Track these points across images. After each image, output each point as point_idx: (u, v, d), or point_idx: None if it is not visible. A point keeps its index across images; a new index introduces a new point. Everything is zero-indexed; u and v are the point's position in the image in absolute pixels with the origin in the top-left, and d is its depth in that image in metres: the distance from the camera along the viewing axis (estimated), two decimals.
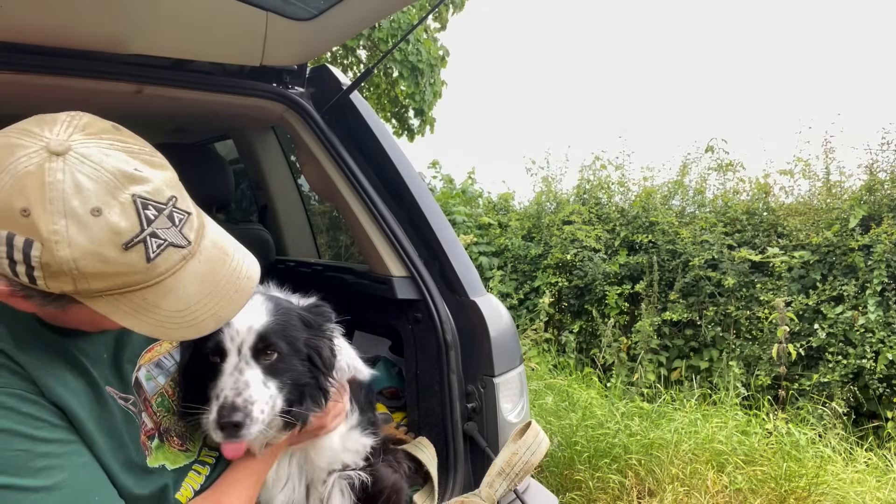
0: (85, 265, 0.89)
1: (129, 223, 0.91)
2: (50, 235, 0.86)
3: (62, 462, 1.00)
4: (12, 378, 1.01)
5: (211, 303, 1.02)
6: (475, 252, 7.58)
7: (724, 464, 3.74)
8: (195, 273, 1.01)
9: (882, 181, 5.62)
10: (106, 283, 0.92)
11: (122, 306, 0.95)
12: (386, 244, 2.29)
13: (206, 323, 1.01)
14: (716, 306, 5.88)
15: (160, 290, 0.96)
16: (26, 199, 0.86)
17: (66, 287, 0.91)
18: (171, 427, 1.31)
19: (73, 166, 0.89)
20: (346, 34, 2.36)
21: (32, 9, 1.68)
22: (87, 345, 1.17)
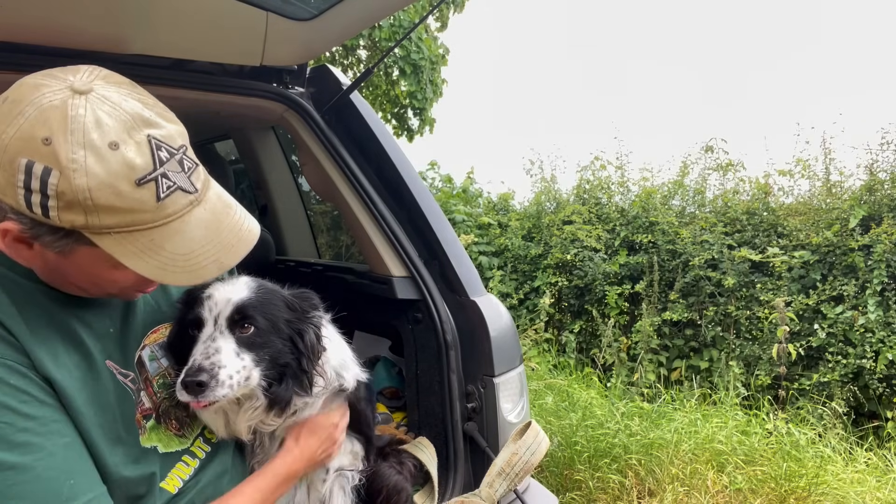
0: (99, 196, 0.92)
1: (143, 161, 0.95)
2: (68, 164, 0.90)
3: (43, 441, 0.99)
4: (6, 349, 1.01)
5: (214, 250, 1.04)
6: (475, 252, 7.58)
7: (724, 464, 3.73)
8: (200, 220, 1.04)
9: (882, 181, 5.62)
10: (116, 218, 0.95)
11: (129, 245, 0.97)
12: (386, 244, 2.29)
13: (207, 268, 1.04)
14: (716, 306, 5.88)
15: (166, 232, 0.99)
16: (49, 129, 0.90)
17: (78, 220, 0.94)
18: (170, 410, 1.30)
19: (95, 104, 0.94)
20: (346, 34, 2.36)
21: (32, 9, 1.68)
22: (92, 317, 1.17)
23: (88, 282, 1.11)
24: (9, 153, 0.91)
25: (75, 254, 1.02)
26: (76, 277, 1.10)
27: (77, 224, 0.95)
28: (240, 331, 1.30)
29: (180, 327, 1.34)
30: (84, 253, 1.01)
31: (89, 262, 1.04)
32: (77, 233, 0.97)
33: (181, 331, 1.33)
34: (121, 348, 1.22)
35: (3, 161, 0.92)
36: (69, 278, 1.10)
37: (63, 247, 1.00)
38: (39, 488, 0.96)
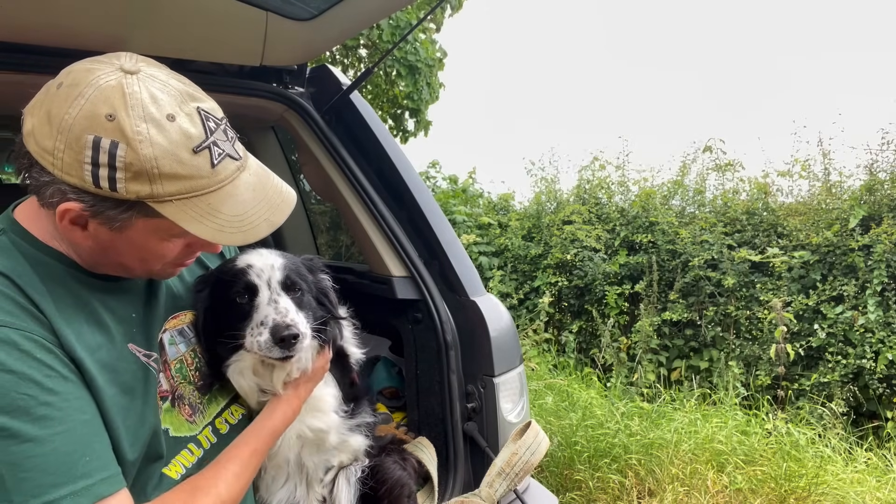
0: (163, 164, 0.99)
1: (197, 131, 1.04)
2: (134, 136, 0.97)
3: (63, 415, 1.00)
4: (34, 324, 1.04)
5: (263, 209, 1.12)
6: (475, 252, 7.58)
7: (724, 464, 3.73)
8: (248, 183, 1.12)
9: (882, 181, 5.62)
10: (177, 185, 1.02)
11: (189, 211, 1.04)
12: (386, 244, 2.29)
13: (260, 227, 1.11)
14: (716, 306, 5.88)
15: (221, 196, 1.07)
16: (111, 107, 0.97)
17: (143, 190, 1.00)
18: (185, 395, 1.32)
19: (146, 82, 1.02)
20: (346, 34, 2.36)
21: (32, 9, 1.69)
22: (115, 302, 1.21)
23: (137, 258, 1.15)
24: (74, 132, 0.97)
25: (131, 228, 1.07)
26: (126, 255, 1.13)
27: (142, 194, 1.00)
28: (291, 294, 1.40)
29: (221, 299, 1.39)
30: (139, 227, 1.07)
31: (142, 236, 1.09)
32: (140, 204, 1.02)
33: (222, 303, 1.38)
34: (144, 331, 1.26)
35: (70, 140, 0.97)
36: (118, 257, 1.14)
37: (123, 221, 1.05)
38: (55, 462, 0.98)
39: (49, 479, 0.96)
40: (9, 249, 1.11)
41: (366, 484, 1.69)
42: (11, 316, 1.02)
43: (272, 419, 1.37)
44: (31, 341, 1.02)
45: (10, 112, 2.85)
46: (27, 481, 0.95)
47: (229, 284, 1.39)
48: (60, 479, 0.98)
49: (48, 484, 0.96)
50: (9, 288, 1.05)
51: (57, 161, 0.99)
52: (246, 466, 1.27)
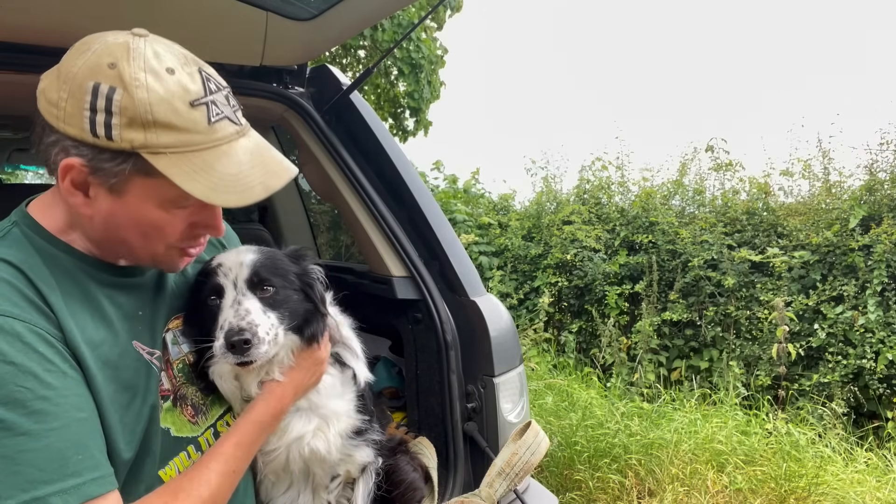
0: (158, 111, 1.02)
1: (196, 87, 1.06)
2: (131, 81, 1.01)
3: (59, 411, 1.00)
4: (39, 317, 1.04)
5: (260, 173, 1.12)
6: (475, 252, 7.58)
7: (724, 464, 3.73)
8: (246, 148, 1.13)
9: (882, 181, 5.61)
10: (172, 137, 1.03)
11: (183, 166, 1.05)
12: (386, 244, 2.29)
13: (255, 190, 1.10)
14: (716, 306, 5.88)
15: (217, 153, 1.08)
16: (114, 57, 1.02)
17: (137, 139, 1.02)
18: (188, 395, 1.31)
19: (152, 43, 1.07)
20: (346, 34, 2.36)
21: (32, 9, 1.69)
22: (123, 298, 1.21)
23: (138, 231, 1.13)
24: (77, 80, 1.01)
25: (129, 192, 1.08)
26: (127, 228, 1.13)
27: (136, 143, 1.02)
28: (260, 292, 1.35)
29: (196, 301, 1.36)
30: (137, 188, 1.08)
31: (140, 202, 1.09)
32: (135, 156, 1.03)
33: (197, 305, 1.36)
34: (149, 329, 1.25)
35: (73, 88, 1.01)
36: (119, 231, 1.13)
37: (119, 176, 1.05)
38: (46, 458, 0.97)
39: (39, 476, 0.96)
40: (20, 241, 1.11)
41: (380, 487, 1.67)
42: (18, 307, 1.02)
43: (255, 411, 1.34)
44: (35, 334, 1.01)
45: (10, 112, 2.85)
46: (17, 475, 0.94)
47: (201, 285, 1.36)
48: (51, 475, 0.96)
49: (38, 480, 0.95)
50: (18, 279, 1.05)
51: (60, 112, 1.02)
52: (230, 460, 1.23)
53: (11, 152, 4.92)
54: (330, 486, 1.62)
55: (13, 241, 1.11)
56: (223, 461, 1.22)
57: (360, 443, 1.61)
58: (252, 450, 1.31)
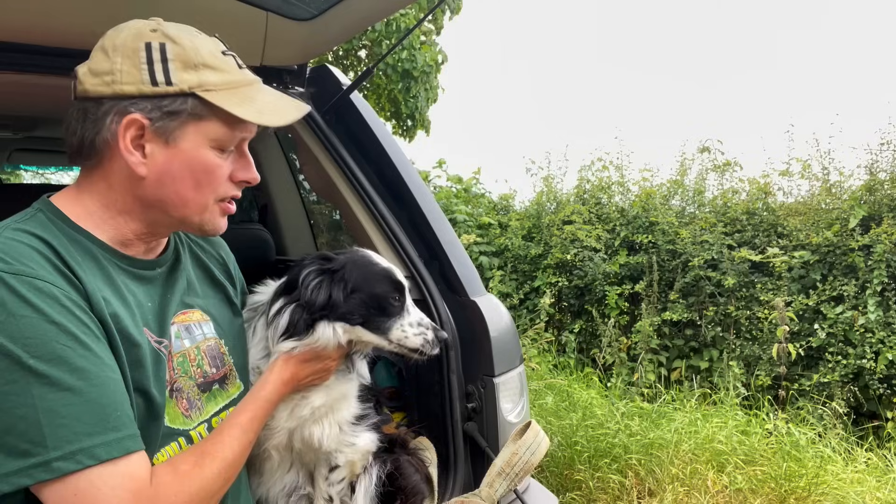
0: (204, 54, 1.19)
1: (219, 45, 1.26)
2: (176, 36, 1.18)
3: (97, 370, 1.06)
4: (72, 290, 1.10)
5: (288, 102, 1.33)
6: (475, 252, 7.58)
7: (724, 464, 3.73)
8: (268, 89, 1.32)
9: (882, 181, 5.61)
10: (218, 77, 1.20)
11: (232, 98, 1.21)
12: (386, 244, 2.29)
13: (290, 112, 1.30)
14: (716, 306, 5.88)
15: (253, 89, 1.27)
16: (151, 24, 1.19)
17: (192, 79, 1.17)
18: (184, 389, 1.34)
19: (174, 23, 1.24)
20: (346, 34, 2.36)
21: (32, 9, 1.69)
22: (136, 287, 1.27)
23: (192, 182, 1.24)
24: (128, 44, 1.16)
25: (183, 138, 1.20)
26: (181, 180, 1.23)
27: (192, 83, 1.17)
28: None
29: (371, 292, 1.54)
30: (191, 133, 1.20)
31: (194, 146, 1.21)
32: (191, 96, 1.17)
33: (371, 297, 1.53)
34: (157, 319, 1.30)
35: (126, 52, 1.16)
36: (174, 184, 1.23)
37: (177, 119, 1.18)
38: (89, 412, 1.03)
39: (83, 428, 1.02)
40: (46, 224, 1.18)
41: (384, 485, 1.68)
42: (52, 275, 1.09)
43: (265, 389, 1.43)
44: (69, 299, 1.08)
45: (10, 112, 2.85)
46: (63, 428, 1.00)
47: (380, 279, 1.56)
48: (94, 428, 1.03)
49: (82, 432, 1.01)
50: (49, 252, 1.12)
51: (115, 76, 1.15)
52: (246, 431, 1.33)
53: (11, 152, 4.92)
54: (331, 478, 1.63)
55: (39, 223, 1.18)
56: (241, 431, 1.32)
57: (362, 429, 1.65)
58: (261, 425, 1.41)
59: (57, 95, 1.99)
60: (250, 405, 1.39)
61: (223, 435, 1.29)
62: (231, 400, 1.45)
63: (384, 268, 1.59)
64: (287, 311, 1.48)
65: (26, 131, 3.73)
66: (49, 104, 2.32)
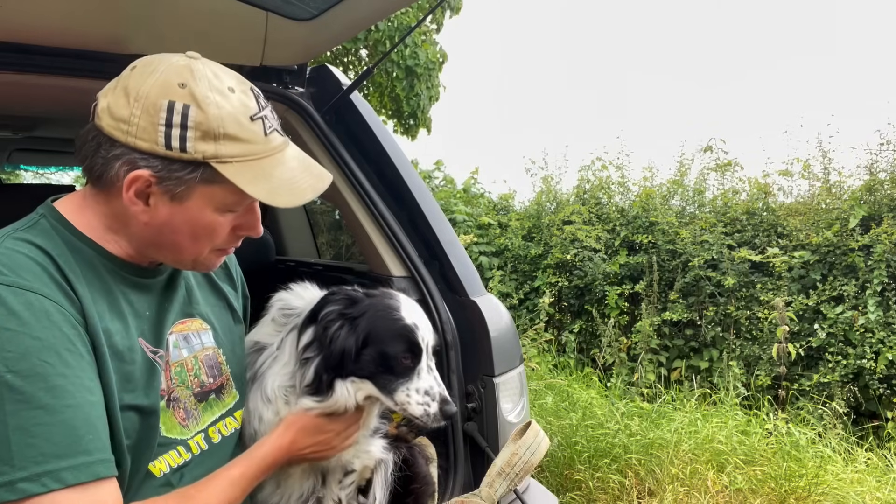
0: (228, 125, 1.13)
1: (252, 103, 1.19)
2: (203, 99, 1.11)
3: (75, 390, 1.04)
4: (65, 300, 1.09)
5: (307, 177, 1.25)
6: (475, 252, 7.58)
7: (724, 464, 3.74)
8: (293, 155, 1.26)
9: (882, 181, 5.61)
10: (237, 148, 1.15)
11: (246, 173, 1.15)
12: (386, 244, 2.29)
13: (306, 192, 1.23)
14: (716, 306, 5.88)
15: (273, 162, 1.20)
16: (182, 77, 1.12)
17: (209, 150, 1.12)
18: (181, 399, 1.34)
19: (208, 65, 1.18)
20: (346, 34, 2.36)
21: (32, 9, 1.68)
22: (135, 297, 1.26)
23: (190, 234, 1.21)
24: (151, 98, 1.10)
25: (190, 198, 1.17)
26: (181, 231, 1.21)
27: (208, 154, 1.12)
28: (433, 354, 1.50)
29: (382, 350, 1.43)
30: (198, 195, 1.17)
31: (199, 207, 1.18)
32: (204, 165, 1.13)
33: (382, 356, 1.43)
34: (153, 330, 1.30)
35: (147, 105, 1.10)
36: (173, 234, 1.21)
37: (187, 185, 1.15)
38: (61, 433, 1.01)
39: (52, 449, 0.99)
40: (48, 232, 1.18)
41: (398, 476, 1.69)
42: (48, 288, 1.08)
43: (262, 449, 1.40)
44: (61, 314, 1.07)
45: (10, 112, 2.86)
46: (31, 447, 0.98)
47: (395, 337, 1.44)
48: (64, 450, 1.00)
49: (51, 454, 0.99)
50: (49, 264, 1.11)
51: (132, 128, 1.10)
52: (234, 485, 1.30)
53: (11, 152, 4.92)
54: (343, 482, 1.63)
55: (41, 231, 1.17)
56: (229, 484, 1.29)
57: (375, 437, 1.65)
58: (251, 485, 1.36)
59: (57, 95, 1.99)
60: (244, 461, 1.35)
61: (210, 484, 1.27)
62: (227, 410, 1.45)
63: (404, 324, 1.46)
64: (313, 365, 1.43)
65: (26, 131, 3.73)
66: (49, 104, 2.32)
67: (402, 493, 1.70)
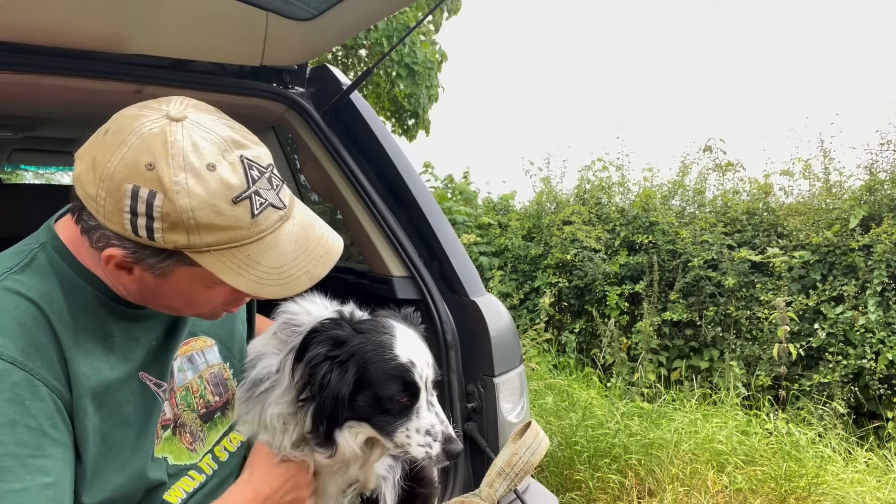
0: (200, 215, 0.98)
1: (238, 180, 1.01)
2: (171, 186, 0.96)
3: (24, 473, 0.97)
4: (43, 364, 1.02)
5: (304, 261, 1.10)
6: (475, 252, 7.58)
7: (724, 464, 3.73)
8: (290, 233, 1.09)
9: (882, 181, 5.61)
10: (215, 236, 1.01)
11: (228, 262, 1.03)
12: (386, 244, 2.29)
13: (300, 280, 1.09)
14: (716, 306, 5.87)
15: (261, 247, 1.05)
16: (151, 156, 0.97)
17: (180, 241, 1.00)
18: (187, 423, 1.31)
19: (190, 130, 1.01)
20: (346, 34, 2.36)
21: (32, 9, 1.68)
22: (139, 330, 1.21)
23: (183, 301, 1.15)
24: (115, 180, 0.98)
25: (174, 275, 1.07)
26: (172, 298, 1.14)
27: (180, 244, 1.00)
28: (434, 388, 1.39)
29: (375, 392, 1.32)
30: (182, 274, 1.07)
31: (187, 283, 1.09)
32: (179, 253, 1.02)
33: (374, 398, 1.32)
34: (159, 360, 1.24)
35: (111, 188, 0.98)
36: (164, 300, 1.14)
37: (164, 268, 1.05)
38: None
39: None
40: (45, 269, 1.11)
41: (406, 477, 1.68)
42: (24, 354, 1.01)
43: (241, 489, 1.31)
44: (30, 385, 1.00)
45: (10, 112, 2.86)
46: None
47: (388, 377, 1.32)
48: None
49: None
50: (34, 320, 1.04)
51: (100, 208, 1.00)
52: None
53: (11, 152, 4.92)
54: (347, 491, 1.62)
55: (37, 270, 1.10)
56: None
57: None
58: None
59: (57, 95, 1.99)
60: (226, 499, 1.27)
61: None
62: (230, 426, 1.43)
63: (398, 364, 1.33)
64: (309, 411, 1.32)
65: (26, 131, 3.73)
66: (49, 104, 2.32)
67: (408, 496, 1.70)
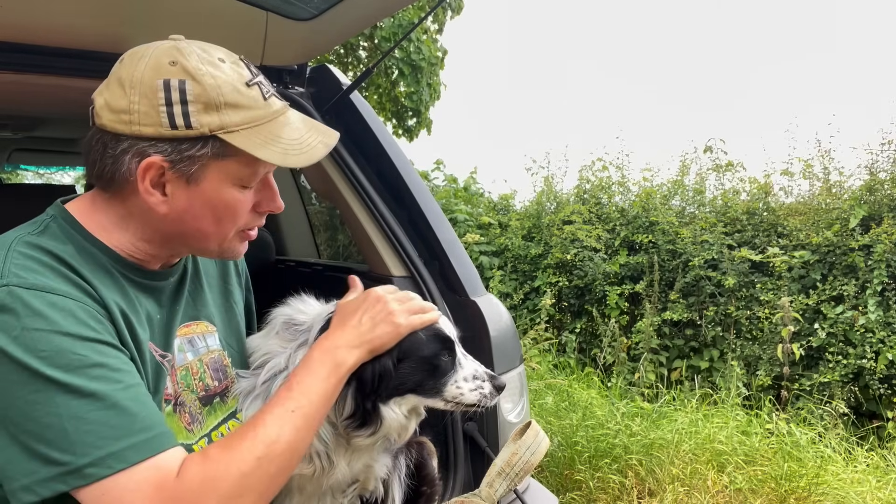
0: (226, 92, 1.12)
1: (245, 71, 1.18)
2: (197, 71, 1.11)
3: (118, 376, 1.07)
4: (88, 298, 1.11)
5: (317, 133, 1.25)
6: (475, 252, 7.58)
7: (724, 464, 3.73)
8: (296, 117, 1.26)
9: (882, 181, 5.61)
10: (241, 115, 1.14)
11: (255, 138, 1.15)
12: (386, 244, 2.29)
13: (318, 148, 1.23)
14: (716, 306, 5.88)
15: (278, 124, 1.19)
16: (171, 56, 1.11)
17: (214, 122, 1.11)
18: (186, 403, 1.33)
19: (192, 42, 1.17)
20: (346, 34, 2.36)
21: (32, 9, 1.69)
22: (146, 300, 1.27)
23: (213, 218, 1.21)
24: (146, 82, 1.10)
25: (205, 178, 1.16)
26: (203, 217, 1.20)
27: (214, 125, 1.12)
28: None
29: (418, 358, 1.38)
30: (213, 173, 1.16)
31: (216, 185, 1.18)
32: (212, 139, 1.13)
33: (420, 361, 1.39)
34: (163, 332, 1.30)
35: (143, 90, 1.09)
36: (195, 222, 1.21)
37: (199, 168, 1.14)
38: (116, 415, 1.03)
39: (111, 433, 1.02)
40: (60, 236, 1.18)
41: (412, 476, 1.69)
42: (68, 287, 1.09)
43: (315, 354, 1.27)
44: (86, 311, 1.08)
45: (10, 112, 2.86)
46: (90, 434, 1.00)
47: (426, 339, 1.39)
48: (122, 432, 1.03)
49: (110, 437, 1.02)
50: (63, 267, 1.12)
51: (133, 116, 1.10)
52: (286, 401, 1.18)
53: (11, 152, 4.93)
54: (347, 491, 1.62)
55: (52, 235, 1.17)
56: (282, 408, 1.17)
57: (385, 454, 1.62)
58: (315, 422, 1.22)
59: (57, 95, 2.00)
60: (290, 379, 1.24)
61: (264, 413, 1.17)
62: (230, 413, 1.43)
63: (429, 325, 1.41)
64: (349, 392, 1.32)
65: (26, 131, 3.74)
66: (49, 104, 2.32)
67: (413, 495, 1.70)
